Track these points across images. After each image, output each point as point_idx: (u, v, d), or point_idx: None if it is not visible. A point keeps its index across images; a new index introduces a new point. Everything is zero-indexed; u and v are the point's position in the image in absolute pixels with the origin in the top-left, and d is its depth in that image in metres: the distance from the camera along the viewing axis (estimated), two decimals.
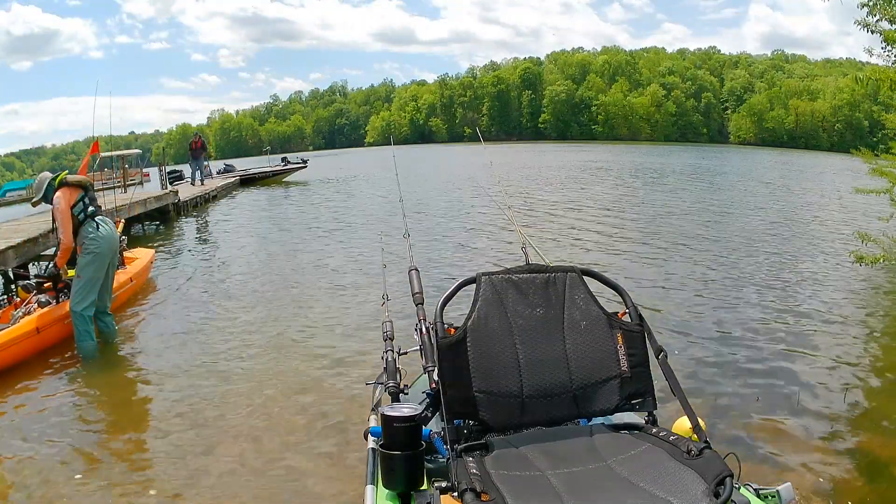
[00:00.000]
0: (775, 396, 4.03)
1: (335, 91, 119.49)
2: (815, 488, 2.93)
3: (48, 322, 5.08)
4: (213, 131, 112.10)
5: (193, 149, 20.07)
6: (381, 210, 13.94)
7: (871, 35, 5.26)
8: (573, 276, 1.94)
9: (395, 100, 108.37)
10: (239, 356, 5.03)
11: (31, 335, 4.92)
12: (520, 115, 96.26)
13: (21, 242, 7.47)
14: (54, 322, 5.13)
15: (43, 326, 5.02)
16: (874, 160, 6.18)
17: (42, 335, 5.01)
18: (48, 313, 5.14)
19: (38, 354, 4.97)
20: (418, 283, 2.39)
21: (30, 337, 4.90)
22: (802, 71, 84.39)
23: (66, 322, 5.09)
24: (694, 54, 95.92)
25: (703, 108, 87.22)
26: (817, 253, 8.96)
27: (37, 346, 4.98)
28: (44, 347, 5.04)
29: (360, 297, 6.73)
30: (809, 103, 74.77)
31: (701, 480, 1.40)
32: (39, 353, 4.99)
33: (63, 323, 5.14)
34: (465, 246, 9.73)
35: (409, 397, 2.09)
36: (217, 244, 11.18)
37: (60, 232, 4.93)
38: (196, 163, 20.08)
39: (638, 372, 1.84)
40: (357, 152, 76.18)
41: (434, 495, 1.50)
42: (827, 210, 14.08)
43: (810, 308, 6.11)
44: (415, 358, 2.22)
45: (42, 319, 5.05)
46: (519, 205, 13.68)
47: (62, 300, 5.31)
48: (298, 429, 3.73)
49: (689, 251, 9.02)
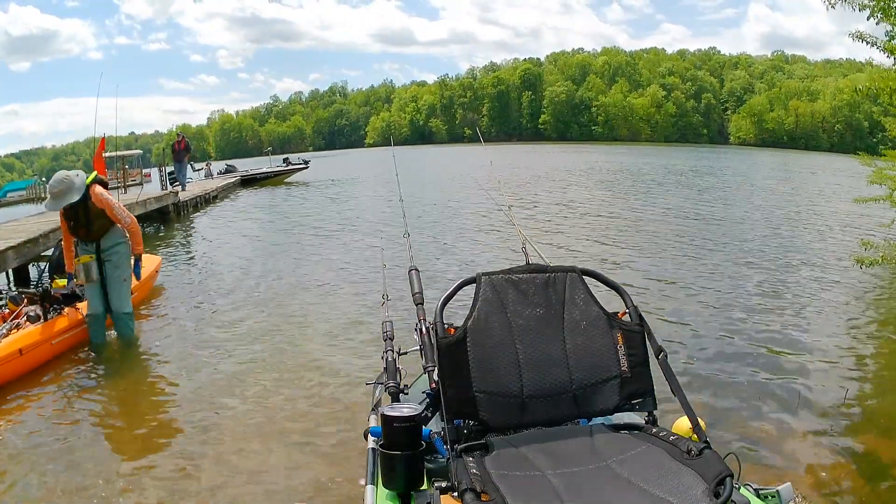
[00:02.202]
0: (775, 396, 4.03)
1: (335, 92, 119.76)
2: (815, 488, 2.93)
3: (32, 344, 4.65)
4: (214, 132, 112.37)
5: (176, 150, 18.74)
6: (382, 210, 13.95)
7: (868, 46, 5.27)
8: (573, 276, 1.94)
9: (395, 100, 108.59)
10: (238, 356, 5.03)
11: (14, 357, 4.48)
12: (520, 115, 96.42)
13: (21, 243, 7.47)
14: (40, 343, 4.71)
15: (27, 348, 4.60)
16: (873, 163, 6.19)
17: (26, 357, 4.58)
18: (32, 333, 4.70)
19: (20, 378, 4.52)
20: (418, 282, 2.39)
21: (12, 360, 4.46)
22: (802, 72, 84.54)
23: (54, 343, 4.83)
24: (694, 55, 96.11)
25: (703, 109, 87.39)
26: (818, 253, 8.96)
27: (19, 370, 4.54)
28: (29, 370, 4.62)
29: (360, 297, 6.73)
30: (809, 104, 74.90)
31: (701, 480, 1.40)
32: (22, 375, 4.55)
33: (50, 344, 4.80)
34: (465, 246, 9.74)
35: (409, 397, 2.09)
36: (216, 245, 11.17)
37: (126, 216, 5.00)
38: (179, 165, 18.81)
39: (638, 372, 1.84)
40: (357, 153, 76.28)
41: (434, 495, 1.50)
42: (827, 211, 14.09)
43: (811, 308, 6.11)
44: (415, 358, 2.22)
45: (25, 340, 4.61)
46: (519, 205, 13.68)
47: (51, 317, 4.96)
48: (298, 428, 3.73)
49: (690, 251, 9.02)
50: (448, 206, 14.89)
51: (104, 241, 5.04)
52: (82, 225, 4.97)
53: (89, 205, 4.91)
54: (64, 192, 4.80)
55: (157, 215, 14.04)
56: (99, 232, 5.02)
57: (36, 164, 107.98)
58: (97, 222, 4.98)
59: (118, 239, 5.10)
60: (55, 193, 4.81)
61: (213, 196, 18.86)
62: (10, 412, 4.14)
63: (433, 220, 12.23)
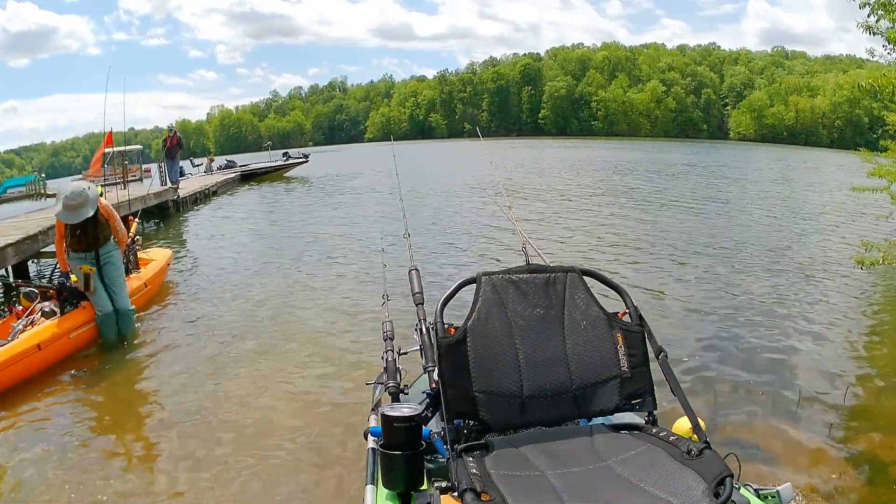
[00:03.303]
0: (776, 396, 4.03)
1: (335, 87, 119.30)
2: (815, 488, 2.94)
3: (50, 338, 4.69)
4: (213, 127, 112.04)
5: (169, 146, 17.56)
6: (382, 209, 13.91)
7: (871, 37, 5.25)
8: (573, 277, 1.94)
9: (395, 95, 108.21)
10: (238, 356, 5.04)
11: (32, 352, 4.52)
12: (519, 110, 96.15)
13: (20, 240, 7.46)
14: (58, 337, 4.74)
15: (45, 342, 4.62)
16: (873, 159, 6.17)
17: (44, 352, 4.61)
18: (50, 327, 4.75)
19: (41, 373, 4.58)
20: (418, 283, 2.39)
21: (30, 355, 4.49)
22: (802, 67, 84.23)
23: (71, 337, 4.88)
24: (694, 50, 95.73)
25: (703, 105, 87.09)
26: (818, 252, 8.95)
27: (39, 365, 4.59)
28: (47, 366, 4.66)
29: (360, 296, 6.72)
30: (809, 100, 74.61)
31: (701, 480, 1.40)
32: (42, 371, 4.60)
33: (68, 338, 4.82)
34: (465, 245, 9.72)
35: (409, 397, 2.10)
36: (215, 242, 11.15)
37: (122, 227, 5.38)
38: (171, 163, 17.62)
39: (638, 372, 1.84)
40: (357, 148, 76.13)
41: (434, 495, 1.50)
42: (828, 208, 14.07)
43: (811, 308, 6.11)
44: (415, 358, 2.22)
45: (43, 335, 4.66)
46: (519, 204, 13.66)
47: (68, 310, 5.04)
48: (298, 428, 3.73)
49: (690, 251, 9.01)
50: (448, 205, 14.86)
51: (103, 248, 5.19)
52: (89, 235, 5.06)
53: (98, 216, 5.06)
54: (81, 205, 4.88)
55: (156, 211, 14.00)
56: (102, 241, 5.18)
57: (35, 161, 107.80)
58: (103, 233, 5.16)
59: (113, 247, 5.31)
60: (72, 206, 4.85)
61: (213, 191, 18.82)
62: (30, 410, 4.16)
63: (433, 220, 12.21)
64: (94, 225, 5.03)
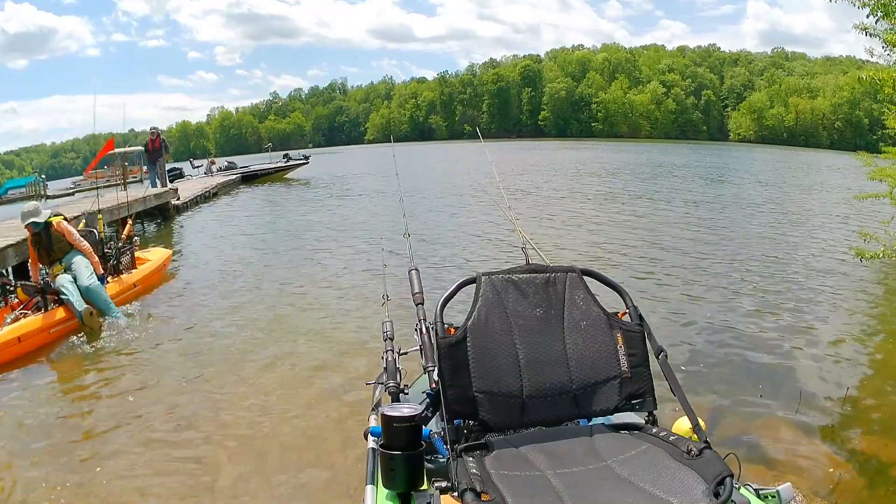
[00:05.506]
0: (776, 396, 4.03)
1: (335, 88, 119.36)
2: (815, 488, 2.94)
3: (31, 332, 5.29)
4: (213, 129, 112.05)
5: (150, 150, 16.39)
6: (382, 209, 13.93)
7: (869, 38, 5.24)
8: (573, 276, 1.94)
9: (395, 97, 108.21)
10: (238, 356, 5.04)
11: (13, 344, 5.11)
12: (520, 112, 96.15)
13: (21, 240, 7.45)
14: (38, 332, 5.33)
15: (25, 336, 5.22)
16: (873, 162, 6.17)
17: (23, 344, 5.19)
18: (31, 323, 5.36)
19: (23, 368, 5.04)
20: (418, 283, 2.38)
21: (10, 346, 5.09)
22: (802, 69, 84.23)
23: (51, 332, 5.41)
24: (694, 52, 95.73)
25: (703, 106, 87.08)
26: (818, 252, 8.96)
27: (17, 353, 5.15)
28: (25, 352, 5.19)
29: (360, 296, 6.73)
30: (809, 101, 74.62)
31: (701, 480, 1.40)
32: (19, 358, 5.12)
33: (47, 332, 5.39)
34: (465, 246, 9.73)
35: (409, 397, 2.10)
36: (215, 244, 11.14)
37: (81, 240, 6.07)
38: (153, 167, 16.41)
39: (638, 372, 1.84)
40: (357, 149, 76.15)
41: (434, 495, 1.50)
42: (827, 208, 14.08)
43: (811, 308, 6.11)
44: (415, 358, 2.22)
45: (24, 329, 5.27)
46: (519, 204, 13.66)
47: (52, 308, 5.58)
48: (298, 428, 3.73)
49: (690, 251, 9.01)
50: (448, 205, 14.86)
51: (65, 257, 5.94)
52: (45, 247, 5.91)
53: (52, 233, 5.92)
54: (34, 212, 5.92)
55: (156, 212, 14.01)
56: (60, 252, 5.95)
57: (35, 162, 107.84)
58: (58, 245, 5.94)
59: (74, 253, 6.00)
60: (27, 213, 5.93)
61: (214, 193, 18.82)
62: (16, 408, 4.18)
63: (433, 220, 12.22)
64: (48, 239, 5.92)
